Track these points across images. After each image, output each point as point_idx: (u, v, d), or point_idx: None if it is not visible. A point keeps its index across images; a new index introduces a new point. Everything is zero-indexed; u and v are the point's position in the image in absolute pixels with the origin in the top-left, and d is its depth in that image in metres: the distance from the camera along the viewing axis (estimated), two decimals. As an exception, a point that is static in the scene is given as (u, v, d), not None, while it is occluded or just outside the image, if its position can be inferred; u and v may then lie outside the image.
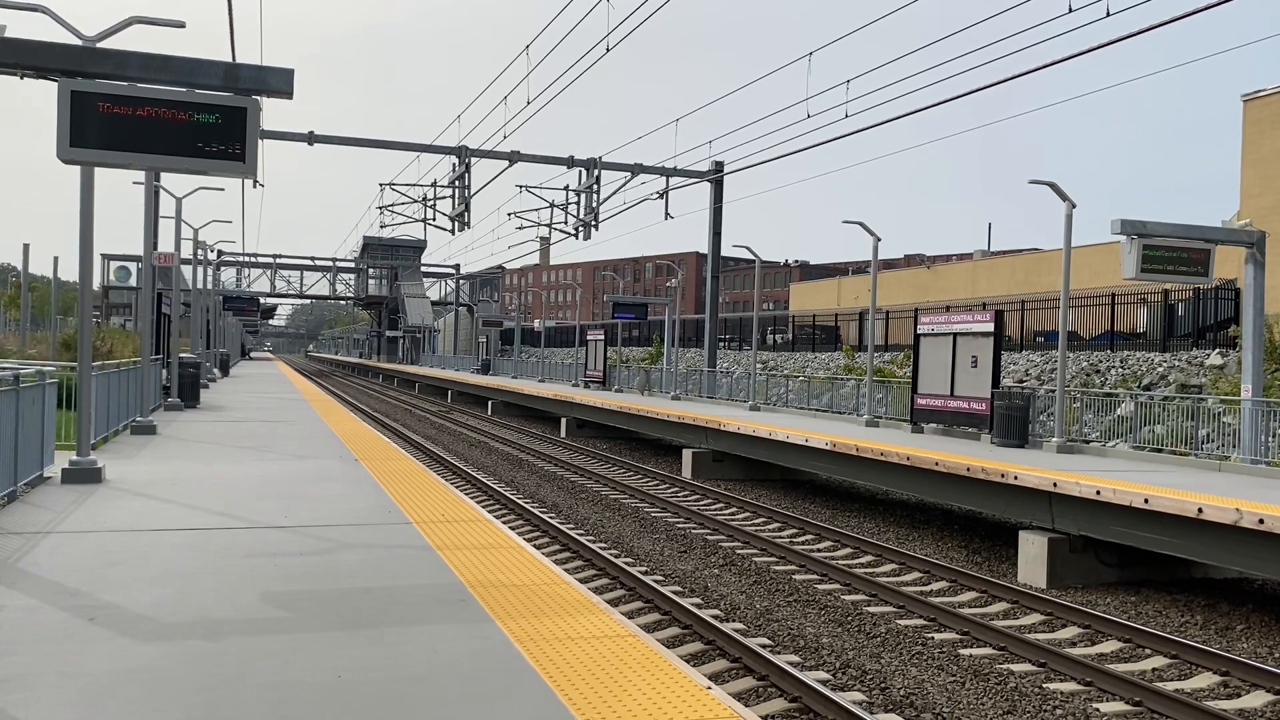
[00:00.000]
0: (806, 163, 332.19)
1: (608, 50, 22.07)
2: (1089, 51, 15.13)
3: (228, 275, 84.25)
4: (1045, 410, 21.39)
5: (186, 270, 38.86)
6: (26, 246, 54.45)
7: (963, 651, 9.92)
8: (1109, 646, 10.34)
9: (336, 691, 4.79)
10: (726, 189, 38.05)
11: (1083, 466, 15.32)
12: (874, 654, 9.80)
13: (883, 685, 8.84)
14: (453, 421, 39.06)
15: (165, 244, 28.14)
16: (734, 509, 18.72)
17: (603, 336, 43.85)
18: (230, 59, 14.95)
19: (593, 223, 34.93)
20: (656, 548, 14.81)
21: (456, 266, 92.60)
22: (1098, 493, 12.47)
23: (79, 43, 10.00)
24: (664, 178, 36.04)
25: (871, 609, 11.48)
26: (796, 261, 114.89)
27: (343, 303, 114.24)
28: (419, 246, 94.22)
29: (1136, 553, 12.79)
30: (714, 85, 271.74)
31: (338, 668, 5.13)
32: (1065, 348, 19.22)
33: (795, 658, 9.53)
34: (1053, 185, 18.35)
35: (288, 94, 9.28)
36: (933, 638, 10.38)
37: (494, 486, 19.98)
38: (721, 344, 52.39)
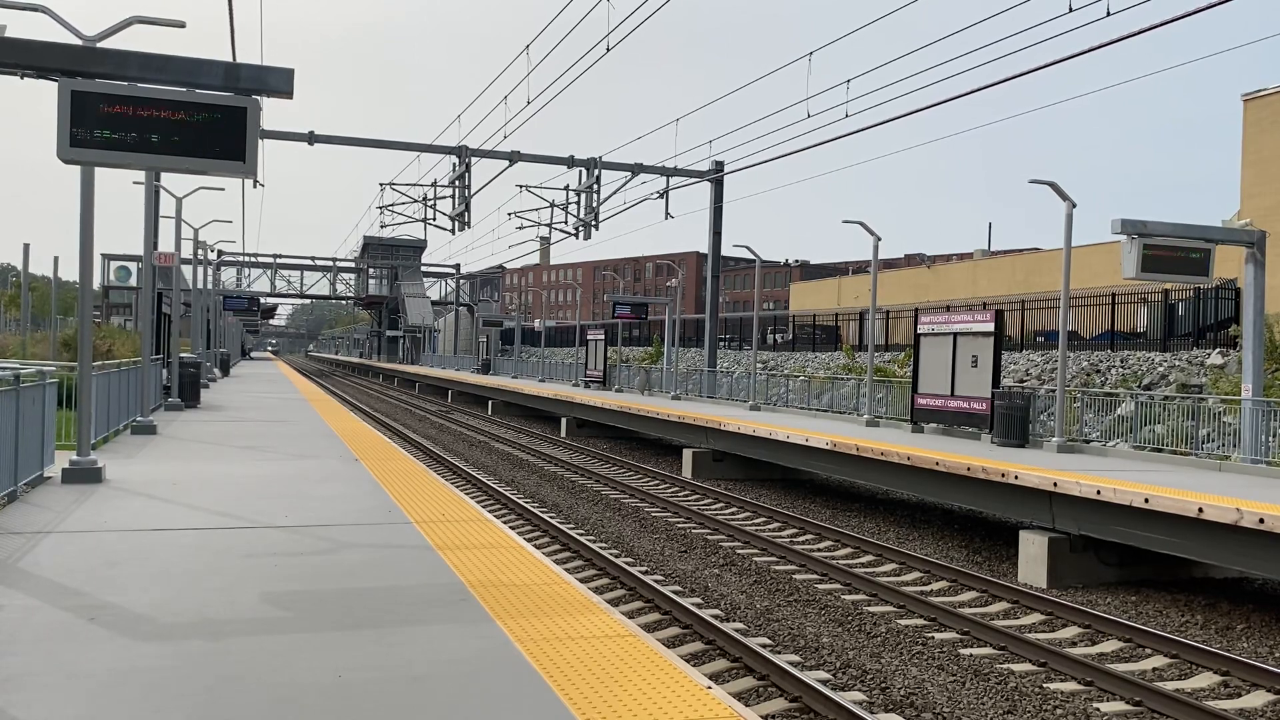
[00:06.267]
0: (806, 163, 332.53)
1: (608, 50, 22.07)
2: (1089, 51, 15.13)
3: (228, 275, 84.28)
4: (1045, 410, 21.39)
5: (187, 270, 38.88)
6: (27, 246, 54.58)
7: (963, 651, 9.92)
8: (1109, 646, 10.35)
9: (337, 691, 4.78)
10: (727, 189, 38.04)
11: (1083, 466, 15.31)
12: (874, 654, 9.80)
13: (883, 685, 8.84)
14: (453, 421, 39.06)
15: (165, 244, 28.13)
16: (734, 509, 18.72)
17: (603, 336, 43.83)
18: (230, 59, 14.94)
19: (593, 222, 34.90)
20: (657, 547, 14.81)
21: (457, 266, 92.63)
22: (1098, 492, 12.47)
23: (79, 43, 9.99)
24: (664, 177, 36.01)
25: (872, 609, 11.48)
26: (797, 261, 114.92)
27: (343, 303, 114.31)
28: (419, 246, 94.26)
29: (1137, 552, 12.79)
30: (714, 85, 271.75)
31: (338, 668, 5.13)
32: (1065, 347, 19.22)
33: (795, 657, 9.53)
34: (1053, 185, 18.34)
35: (288, 94, 9.28)
36: (933, 637, 10.38)
37: (494, 486, 19.98)
38: (722, 344, 52.38)
